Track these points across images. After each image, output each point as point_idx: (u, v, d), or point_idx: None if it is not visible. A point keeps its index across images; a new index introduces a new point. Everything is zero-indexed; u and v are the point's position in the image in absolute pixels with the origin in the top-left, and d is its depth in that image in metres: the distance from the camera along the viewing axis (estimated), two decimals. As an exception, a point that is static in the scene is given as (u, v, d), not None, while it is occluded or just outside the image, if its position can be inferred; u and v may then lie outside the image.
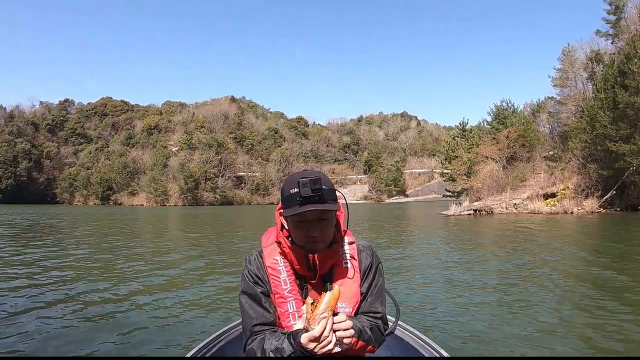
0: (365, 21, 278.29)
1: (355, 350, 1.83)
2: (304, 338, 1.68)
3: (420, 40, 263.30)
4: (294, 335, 1.73)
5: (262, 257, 1.96)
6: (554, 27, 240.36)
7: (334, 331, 1.71)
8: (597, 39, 40.55)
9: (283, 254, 1.91)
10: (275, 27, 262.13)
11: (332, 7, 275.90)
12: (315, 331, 1.67)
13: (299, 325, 1.79)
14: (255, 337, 1.87)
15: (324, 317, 1.69)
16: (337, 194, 1.86)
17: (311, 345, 1.67)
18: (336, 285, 1.83)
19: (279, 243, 1.91)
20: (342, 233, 1.96)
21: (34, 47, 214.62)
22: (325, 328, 1.68)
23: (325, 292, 1.78)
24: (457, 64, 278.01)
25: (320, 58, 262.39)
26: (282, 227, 1.93)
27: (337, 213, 1.92)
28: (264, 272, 1.93)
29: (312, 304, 1.74)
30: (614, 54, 34.50)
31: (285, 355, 1.73)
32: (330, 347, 1.69)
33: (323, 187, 1.76)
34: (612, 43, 39.41)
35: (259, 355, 1.80)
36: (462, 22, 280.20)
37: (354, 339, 1.78)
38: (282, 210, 1.88)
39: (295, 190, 1.77)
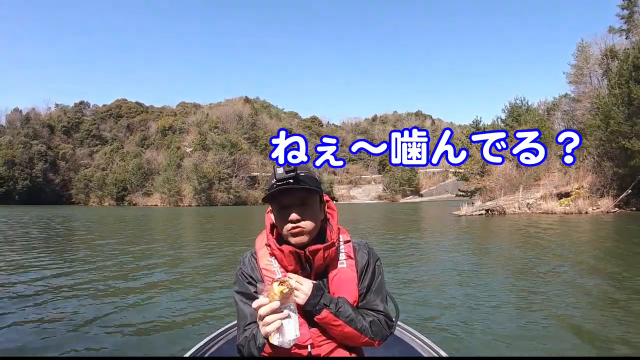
0: (379, 20, 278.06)
1: (349, 338, 1.82)
2: (263, 309, 1.62)
3: (434, 39, 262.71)
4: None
5: (255, 259, 1.95)
6: (565, 26, 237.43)
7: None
8: (611, 36, 39.93)
9: (274, 255, 1.91)
10: (289, 28, 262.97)
11: (346, 6, 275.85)
12: (274, 303, 1.62)
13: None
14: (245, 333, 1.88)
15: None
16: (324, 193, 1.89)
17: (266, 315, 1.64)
18: (292, 281, 1.75)
19: (268, 246, 1.92)
20: (336, 231, 1.94)
21: (49, 49, 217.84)
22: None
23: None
24: (472, 62, 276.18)
25: (334, 58, 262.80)
26: (272, 229, 1.96)
27: (329, 212, 1.96)
28: (258, 273, 1.92)
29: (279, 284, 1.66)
30: (628, 48, 33.77)
31: (259, 340, 1.71)
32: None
33: (299, 172, 1.78)
34: (626, 38, 38.71)
35: (246, 347, 1.79)
36: (474, 20, 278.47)
37: (343, 323, 1.77)
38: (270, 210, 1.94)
39: (275, 179, 1.80)
